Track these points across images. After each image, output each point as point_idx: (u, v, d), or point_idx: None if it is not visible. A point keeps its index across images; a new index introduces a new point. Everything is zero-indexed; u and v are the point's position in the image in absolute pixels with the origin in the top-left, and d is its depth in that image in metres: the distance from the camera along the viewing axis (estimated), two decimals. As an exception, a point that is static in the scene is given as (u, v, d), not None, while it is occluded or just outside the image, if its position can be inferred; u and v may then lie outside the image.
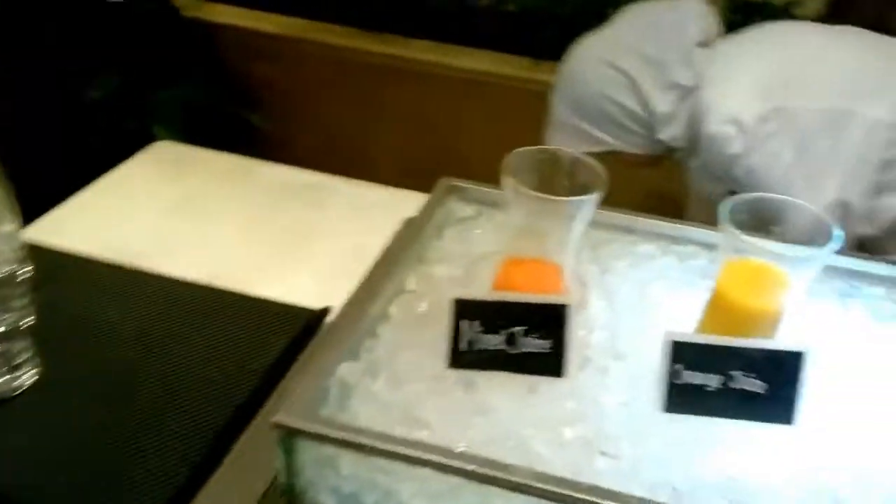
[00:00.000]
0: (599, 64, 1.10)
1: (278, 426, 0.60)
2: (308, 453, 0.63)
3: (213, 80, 1.99)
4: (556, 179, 0.71)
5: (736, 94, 1.02)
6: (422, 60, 1.90)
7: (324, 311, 0.91)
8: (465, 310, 0.68)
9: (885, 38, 1.11)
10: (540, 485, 0.54)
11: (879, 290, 0.78)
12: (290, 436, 0.61)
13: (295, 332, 0.87)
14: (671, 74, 1.08)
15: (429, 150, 2.01)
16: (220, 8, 2.11)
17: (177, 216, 1.12)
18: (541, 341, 0.67)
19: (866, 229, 1.06)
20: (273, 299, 0.93)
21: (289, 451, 0.62)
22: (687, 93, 1.08)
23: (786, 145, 1.00)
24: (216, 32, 2.05)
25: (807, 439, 0.61)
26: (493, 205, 0.91)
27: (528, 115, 1.84)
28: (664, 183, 1.40)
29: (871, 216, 1.05)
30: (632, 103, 1.09)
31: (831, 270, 0.79)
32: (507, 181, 0.68)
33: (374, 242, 1.02)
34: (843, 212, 1.02)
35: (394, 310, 0.77)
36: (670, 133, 1.09)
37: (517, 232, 0.73)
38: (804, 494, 0.57)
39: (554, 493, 0.54)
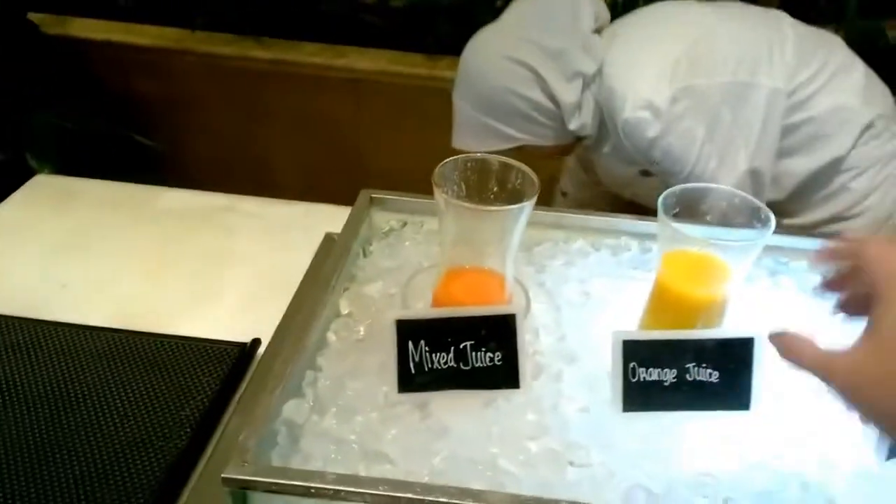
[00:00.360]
0: (500, 59, 1.07)
1: (229, 481, 0.55)
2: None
3: (90, 100, 1.85)
4: (487, 186, 0.69)
5: (646, 78, 1.03)
6: (312, 64, 1.84)
7: (254, 343, 0.86)
8: (409, 330, 0.65)
9: (764, 10, 1.16)
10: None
11: (803, 264, 0.80)
12: (242, 489, 0.56)
13: (226, 370, 0.81)
14: (572, 63, 1.07)
15: (330, 156, 1.95)
16: (87, 23, 1.96)
17: (70, 257, 1.03)
18: (492, 354, 0.65)
19: (772, 195, 1.11)
20: (195, 336, 0.87)
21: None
22: (590, 80, 1.08)
23: (697, 123, 1.02)
24: (86, 49, 1.90)
25: (765, 424, 0.62)
26: (418, 214, 0.88)
27: (429, 112, 1.83)
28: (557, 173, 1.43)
29: (777, 181, 1.10)
30: (538, 95, 1.08)
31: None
32: (440, 194, 0.65)
33: (293, 263, 0.98)
34: (754, 180, 1.06)
35: (331, 336, 0.73)
36: (579, 122, 1.09)
37: (453, 243, 0.70)
38: (773, 480, 0.58)
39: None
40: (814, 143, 1.06)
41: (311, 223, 1.11)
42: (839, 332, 0.50)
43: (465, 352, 0.65)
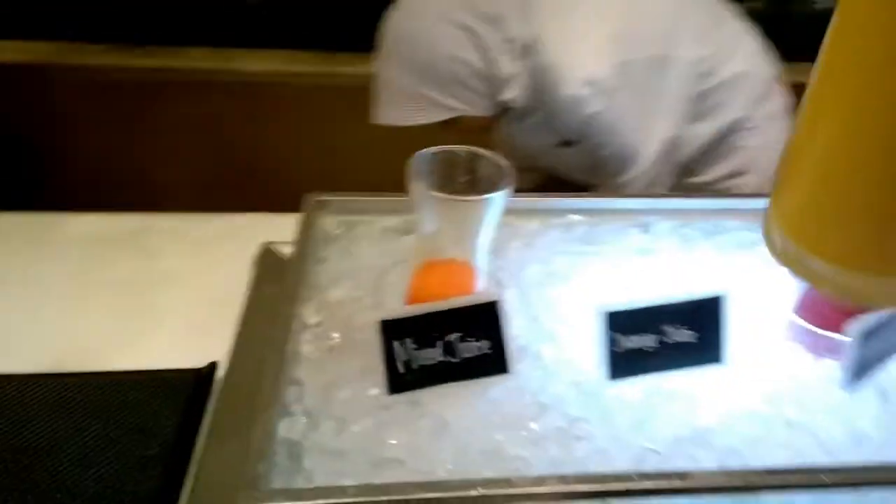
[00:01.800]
0: (441, 23, 1.04)
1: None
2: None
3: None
4: (456, 177, 0.69)
5: (584, 55, 1.05)
6: (201, 69, 1.75)
7: (211, 367, 0.81)
8: (394, 330, 0.64)
9: None
10: (547, 489, 0.53)
11: (735, 223, 0.86)
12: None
13: (185, 399, 0.77)
14: (510, 29, 1.06)
15: (231, 164, 1.87)
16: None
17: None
18: (479, 343, 0.65)
19: (682, 157, 1.17)
20: (140, 369, 0.81)
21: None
22: (525, 51, 1.07)
23: (629, 97, 1.06)
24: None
25: (740, 375, 0.66)
26: (367, 214, 0.86)
27: (332, 110, 1.79)
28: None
29: (685, 145, 1.17)
30: (477, 61, 1.06)
31: (696, 214, 0.87)
32: (416, 186, 0.64)
33: (229, 279, 0.94)
34: (672, 146, 1.12)
35: (305, 348, 0.71)
36: (511, 94, 1.09)
37: (427, 237, 0.70)
38: (760, 424, 0.62)
39: (564, 493, 0.53)
40: (718, 108, 1.14)
41: (237, 235, 1.07)
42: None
43: (453, 344, 0.65)
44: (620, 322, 0.65)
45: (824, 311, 0.71)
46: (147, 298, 0.95)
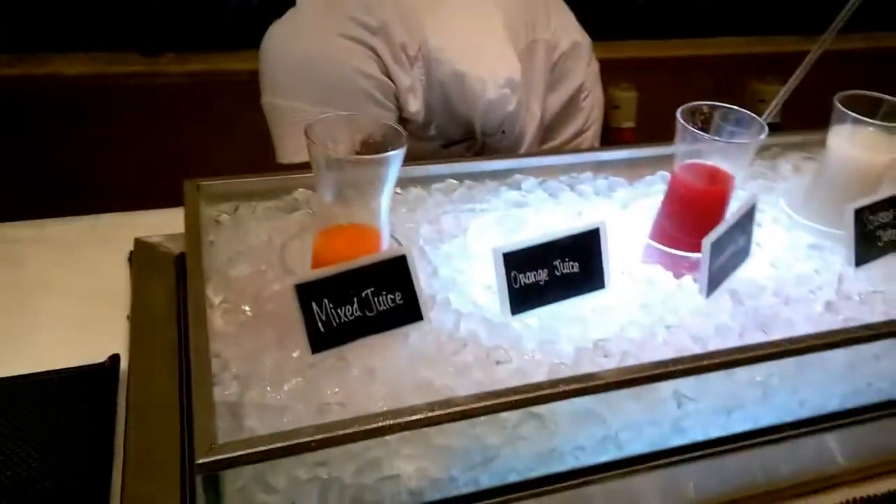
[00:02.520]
0: (334, 38, 1.01)
1: (205, 466, 0.53)
2: (235, 485, 0.58)
3: None
4: (353, 144, 0.73)
5: (497, 56, 1.08)
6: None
7: (114, 360, 0.78)
8: (310, 292, 0.66)
9: None
10: (486, 403, 0.59)
11: (588, 174, 0.97)
12: (217, 469, 0.54)
13: (92, 394, 0.74)
14: (396, 37, 1.04)
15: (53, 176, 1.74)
16: None
17: None
18: (392, 295, 0.70)
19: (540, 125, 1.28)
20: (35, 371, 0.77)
21: (216, 492, 0.56)
22: (416, 60, 1.06)
23: (522, 87, 1.13)
24: None
25: (620, 294, 0.76)
26: (246, 198, 0.88)
27: (157, 112, 1.73)
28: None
29: (547, 113, 1.27)
30: (380, 74, 1.03)
31: (556, 169, 0.97)
32: (318, 150, 0.67)
33: (106, 278, 0.93)
34: (541, 122, 1.22)
35: (217, 324, 0.71)
36: (415, 107, 1.07)
37: (327, 204, 0.73)
38: (643, 330, 0.71)
39: (503, 403, 0.59)
40: (563, 78, 1.25)
41: (103, 235, 1.04)
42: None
43: (368, 299, 0.69)
44: (515, 261, 0.72)
45: (673, 235, 0.83)
46: (25, 303, 0.90)
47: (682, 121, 0.78)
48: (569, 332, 0.72)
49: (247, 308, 0.73)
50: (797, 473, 0.74)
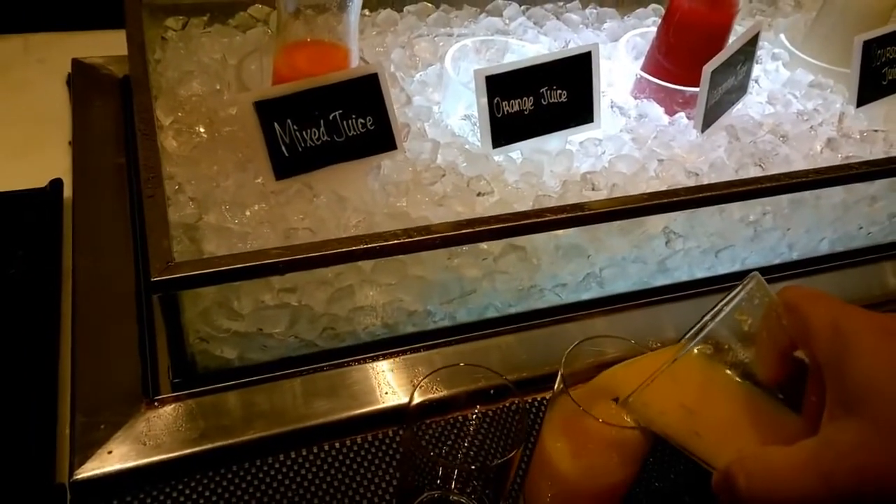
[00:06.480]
0: None
1: (160, 285, 0.48)
2: (195, 309, 0.53)
3: None
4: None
5: None
6: None
7: (55, 184, 0.71)
8: (272, 111, 0.59)
9: None
10: (470, 230, 0.54)
11: (576, 3, 0.89)
12: (175, 289, 0.49)
13: (35, 218, 0.67)
14: None
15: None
16: None
17: None
18: (363, 119, 0.63)
19: None
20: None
21: (175, 315, 0.51)
22: None
23: None
24: None
25: (610, 131, 0.70)
26: (196, 10, 0.78)
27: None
28: None
29: None
30: None
31: None
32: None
33: (39, 100, 0.84)
34: None
35: (170, 145, 0.64)
36: None
37: (290, 17, 0.64)
38: (633, 165, 0.66)
39: (491, 230, 0.54)
40: None
41: (38, 57, 0.93)
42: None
43: (336, 122, 0.62)
44: (499, 85, 0.65)
45: (668, 67, 0.76)
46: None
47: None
48: (555, 166, 0.66)
49: (202, 129, 0.66)
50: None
